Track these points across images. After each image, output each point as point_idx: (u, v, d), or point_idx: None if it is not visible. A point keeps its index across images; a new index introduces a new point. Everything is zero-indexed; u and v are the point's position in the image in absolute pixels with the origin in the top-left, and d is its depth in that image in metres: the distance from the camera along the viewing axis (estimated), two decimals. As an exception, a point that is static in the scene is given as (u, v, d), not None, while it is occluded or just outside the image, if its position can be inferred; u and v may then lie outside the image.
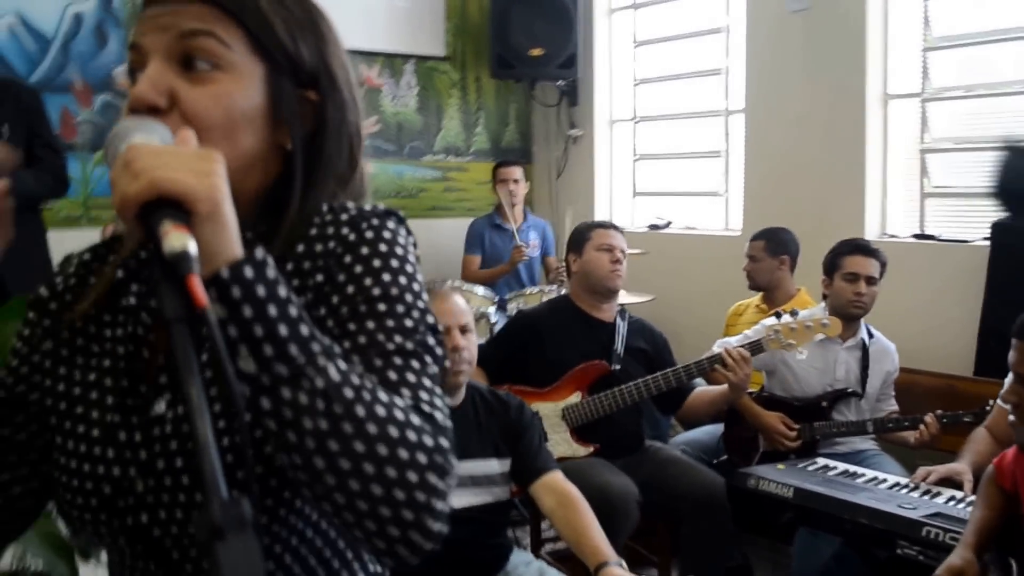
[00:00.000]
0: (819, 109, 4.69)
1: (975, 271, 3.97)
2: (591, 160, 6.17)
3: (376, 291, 0.91)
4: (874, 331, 3.56)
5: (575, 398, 3.29)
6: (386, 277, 0.92)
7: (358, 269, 0.92)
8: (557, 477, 2.50)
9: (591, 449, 3.27)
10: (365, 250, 0.93)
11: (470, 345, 2.52)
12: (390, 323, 0.90)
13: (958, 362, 3.99)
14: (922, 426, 3.17)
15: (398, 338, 0.89)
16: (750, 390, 3.47)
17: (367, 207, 0.99)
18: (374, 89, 5.90)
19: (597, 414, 3.27)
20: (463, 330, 2.51)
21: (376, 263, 0.93)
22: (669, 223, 5.78)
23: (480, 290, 4.76)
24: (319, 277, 0.93)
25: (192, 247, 0.73)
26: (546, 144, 6.45)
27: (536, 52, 5.82)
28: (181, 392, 0.87)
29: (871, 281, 3.39)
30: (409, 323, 0.91)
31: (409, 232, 0.99)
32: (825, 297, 3.49)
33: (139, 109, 0.88)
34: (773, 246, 4.07)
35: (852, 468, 3.10)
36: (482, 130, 6.37)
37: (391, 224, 0.97)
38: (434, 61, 6.12)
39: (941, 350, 4.06)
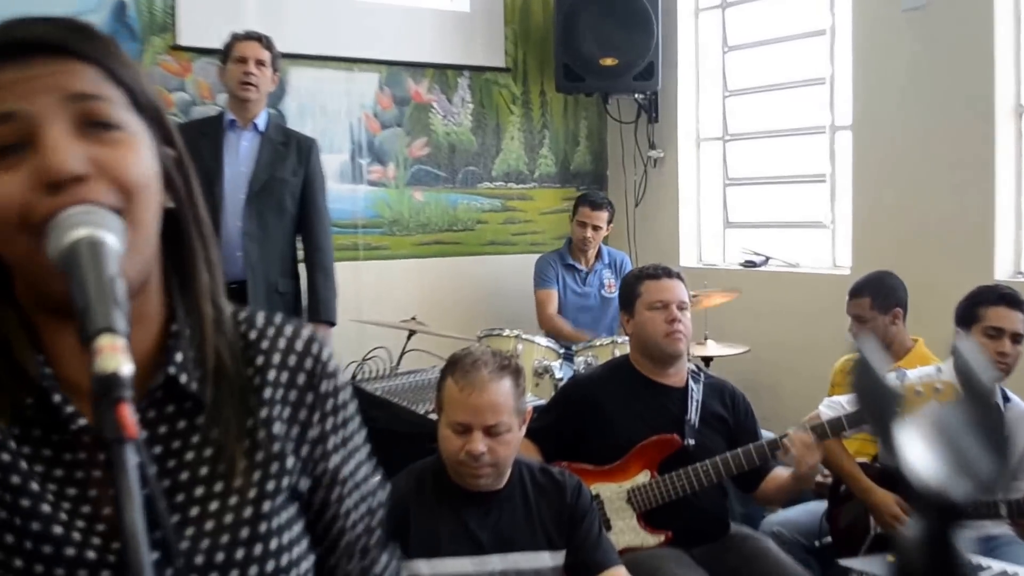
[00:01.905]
0: (941, 124, 4.68)
1: None
2: (675, 185, 6.20)
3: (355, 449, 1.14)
4: (1011, 394, 3.48)
5: (643, 478, 3.27)
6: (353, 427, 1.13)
7: (330, 424, 1.11)
8: (619, 573, 2.48)
9: (663, 537, 3.24)
10: (330, 403, 1.11)
11: (500, 446, 2.52)
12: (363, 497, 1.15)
13: None
14: None
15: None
16: (861, 460, 3.46)
17: (266, 314, 1.11)
18: (423, 106, 5.98)
19: (669, 496, 3.24)
20: (491, 431, 2.50)
21: (344, 416, 1.13)
22: (767, 260, 5.79)
23: (543, 340, 4.77)
24: (285, 411, 1.09)
25: (126, 369, 0.79)
26: (622, 167, 6.50)
27: (609, 61, 5.85)
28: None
29: (1017, 338, 3.34)
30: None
31: None
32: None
33: (62, 182, 0.91)
34: (881, 300, 4.01)
35: (982, 560, 3.01)
36: (548, 152, 6.41)
37: (328, 351, 1.12)
38: (492, 73, 6.18)
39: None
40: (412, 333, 4.71)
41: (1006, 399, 3.45)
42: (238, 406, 1.03)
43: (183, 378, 1.01)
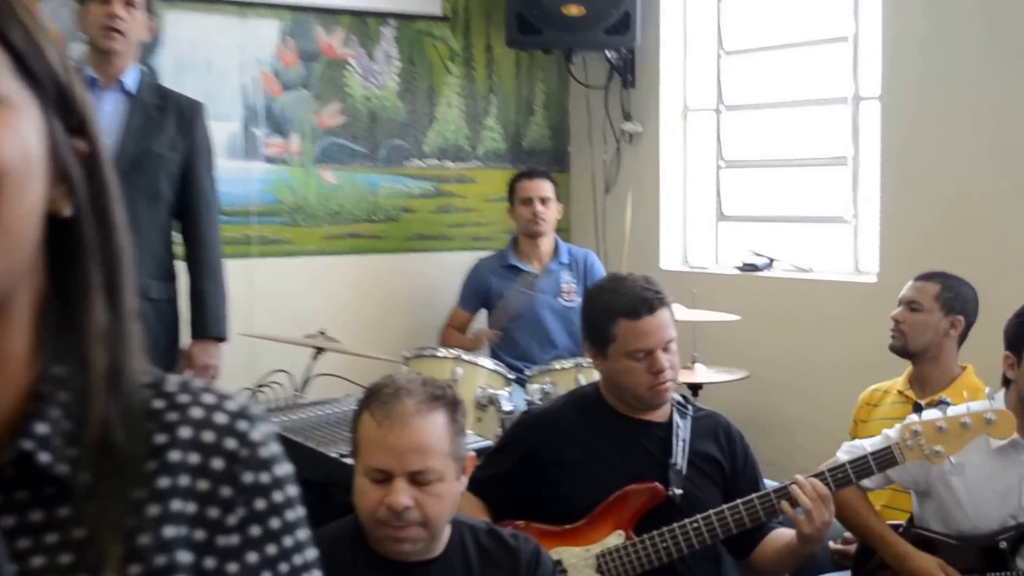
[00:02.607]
0: (992, 94, 4.70)
1: None
2: (655, 168, 6.20)
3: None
4: None
5: (616, 539, 3.27)
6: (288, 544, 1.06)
7: (254, 531, 1.03)
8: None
9: (640, 616, 3.27)
10: (259, 503, 1.03)
11: (430, 500, 2.52)
12: None
13: None
14: None
15: None
16: (894, 522, 3.49)
17: (181, 378, 1.06)
18: (336, 62, 5.93)
19: (650, 562, 3.23)
20: (417, 480, 2.50)
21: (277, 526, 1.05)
22: (771, 262, 5.80)
23: (488, 363, 4.78)
24: (189, 507, 1.01)
25: None
26: (588, 144, 6.48)
27: (574, 10, 5.81)
28: None
29: None
30: None
31: None
32: (1007, 384, 3.45)
33: None
34: (950, 298, 4.08)
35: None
36: (494, 123, 6.42)
37: (276, 444, 1.07)
38: (425, 22, 6.16)
39: None
40: (320, 351, 4.70)
41: None
42: (120, 499, 0.98)
43: (43, 457, 0.96)
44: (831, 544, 3.76)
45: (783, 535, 3.31)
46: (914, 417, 3.26)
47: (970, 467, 3.37)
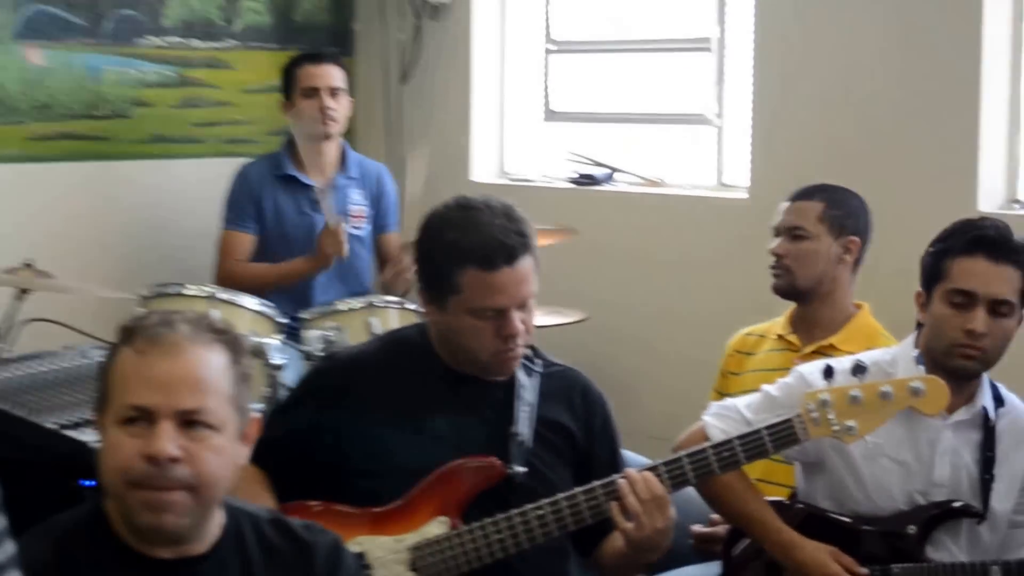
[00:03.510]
0: None
1: None
2: (465, 51, 6.24)
3: None
4: (1007, 393, 3.57)
5: (436, 528, 3.22)
6: None
7: None
8: None
9: (465, 626, 3.22)
10: None
11: (203, 452, 2.41)
12: None
13: None
14: None
15: None
16: (775, 498, 3.50)
17: None
18: None
19: (478, 559, 3.19)
20: (187, 423, 2.40)
21: None
22: (613, 173, 5.86)
23: (252, 302, 4.75)
24: None
25: None
26: (380, 19, 6.51)
27: None
28: None
29: (1000, 309, 3.37)
30: None
31: None
32: (919, 327, 3.51)
33: None
34: (838, 216, 4.11)
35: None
36: None
37: None
38: None
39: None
40: (26, 292, 4.66)
41: (998, 401, 3.54)
42: None
43: None
44: (695, 528, 3.82)
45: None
46: (816, 375, 3.26)
47: (872, 433, 3.35)
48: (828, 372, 3.24)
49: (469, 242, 3.23)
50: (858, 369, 3.24)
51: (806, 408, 3.20)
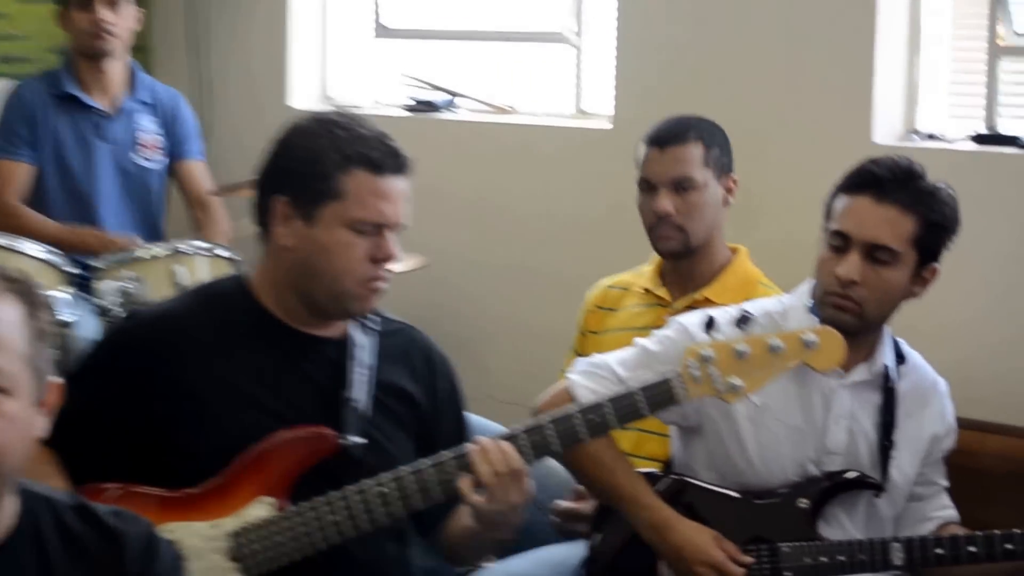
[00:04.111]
0: None
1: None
2: None
3: None
4: (909, 350, 3.70)
5: (260, 510, 3.23)
6: None
7: None
8: None
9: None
10: None
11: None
12: None
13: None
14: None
15: None
16: (648, 469, 3.56)
17: None
18: None
19: (311, 545, 3.20)
20: None
21: None
22: (454, 99, 5.95)
23: (33, 248, 4.73)
24: None
25: None
26: None
27: None
28: None
29: (878, 255, 3.46)
30: None
31: None
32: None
33: None
34: (717, 155, 4.14)
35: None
36: None
37: None
38: None
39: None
40: None
41: (900, 357, 3.66)
42: None
43: None
44: (557, 504, 3.90)
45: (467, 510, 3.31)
46: (696, 327, 3.31)
47: (759, 394, 3.39)
48: (710, 324, 3.25)
49: (361, 142, 3.29)
50: (743, 320, 3.28)
51: (686, 365, 3.22)
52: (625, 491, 3.49)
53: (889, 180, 3.47)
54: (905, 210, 3.43)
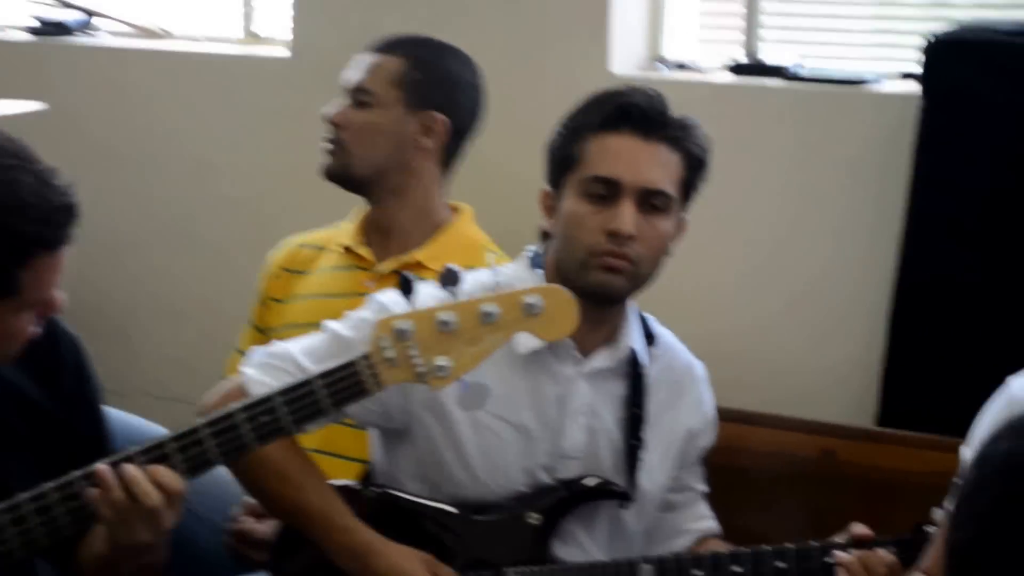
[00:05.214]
0: None
1: (888, 149, 4.39)
2: None
3: None
4: (660, 328, 3.72)
5: None
6: None
7: None
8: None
9: None
10: None
11: None
12: None
13: (846, 395, 4.51)
14: None
15: None
16: (343, 481, 3.51)
17: None
18: None
19: None
20: None
21: None
22: (91, 19, 5.96)
23: None
24: None
25: None
26: None
27: None
28: None
29: (654, 201, 3.43)
30: None
31: None
32: (546, 239, 3.55)
33: None
34: (419, 81, 4.15)
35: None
36: None
37: None
38: None
39: (808, 367, 4.61)
40: None
41: (649, 338, 3.65)
42: None
43: None
44: (235, 522, 3.81)
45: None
46: (396, 298, 3.09)
47: (477, 379, 3.40)
48: (406, 286, 3.04)
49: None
50: (449, 278, 3.02)
51: (377, 343, 3.03)
52: (314, 508, 3.41)
53: (654, 114, 3.48)
54: (673, 147, 3.46)
